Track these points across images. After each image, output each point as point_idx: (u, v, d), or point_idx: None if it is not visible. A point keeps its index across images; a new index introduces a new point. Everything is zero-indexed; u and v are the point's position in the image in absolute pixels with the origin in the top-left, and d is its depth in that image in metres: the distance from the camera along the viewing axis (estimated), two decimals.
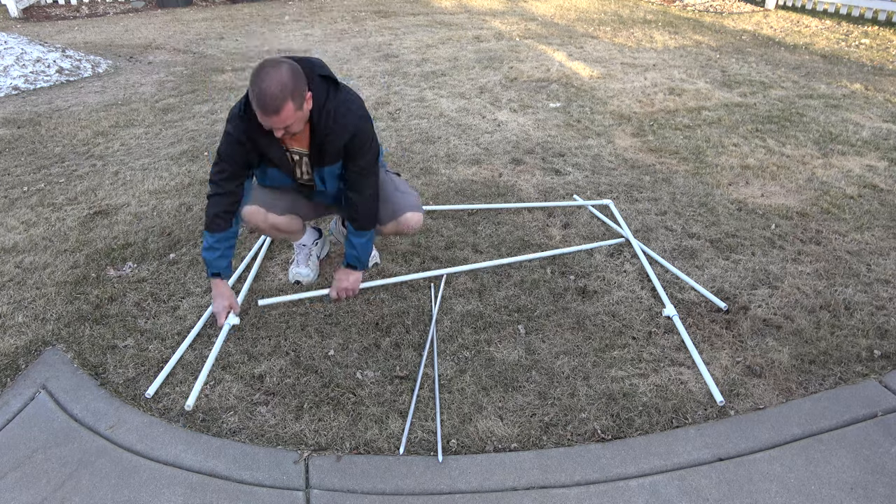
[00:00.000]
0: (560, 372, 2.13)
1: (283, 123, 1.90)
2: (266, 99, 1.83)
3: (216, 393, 2.06)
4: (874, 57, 6.19)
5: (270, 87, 1.82)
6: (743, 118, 4.49)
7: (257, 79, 1.84)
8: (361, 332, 2.33)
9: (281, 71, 1.84)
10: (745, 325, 2.33)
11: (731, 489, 1.70)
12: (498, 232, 3.01)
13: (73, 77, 5.94)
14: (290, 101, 1.86)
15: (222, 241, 2.17)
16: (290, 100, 1.85)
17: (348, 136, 2.06)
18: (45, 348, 2.27)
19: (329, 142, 2.06)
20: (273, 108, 1.85)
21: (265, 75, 1.83)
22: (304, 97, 1.92)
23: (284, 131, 1.94)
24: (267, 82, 1.83)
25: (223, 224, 2.15)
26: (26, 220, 3.19)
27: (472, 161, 3.84)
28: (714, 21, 8.27)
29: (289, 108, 1.86)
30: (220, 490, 1.72)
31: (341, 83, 2.08)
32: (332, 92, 2.04)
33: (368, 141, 2.12)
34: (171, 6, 10.17)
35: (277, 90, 1.83)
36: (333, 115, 2.03)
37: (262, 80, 1.83)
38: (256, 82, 1.84)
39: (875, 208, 3.18)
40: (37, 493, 1.71)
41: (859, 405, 1.96)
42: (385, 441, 1.88)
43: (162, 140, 4.29)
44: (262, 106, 1.85)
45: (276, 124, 1.90)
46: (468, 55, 6.53)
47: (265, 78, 1.83)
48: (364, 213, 2.22)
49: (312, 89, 1.98)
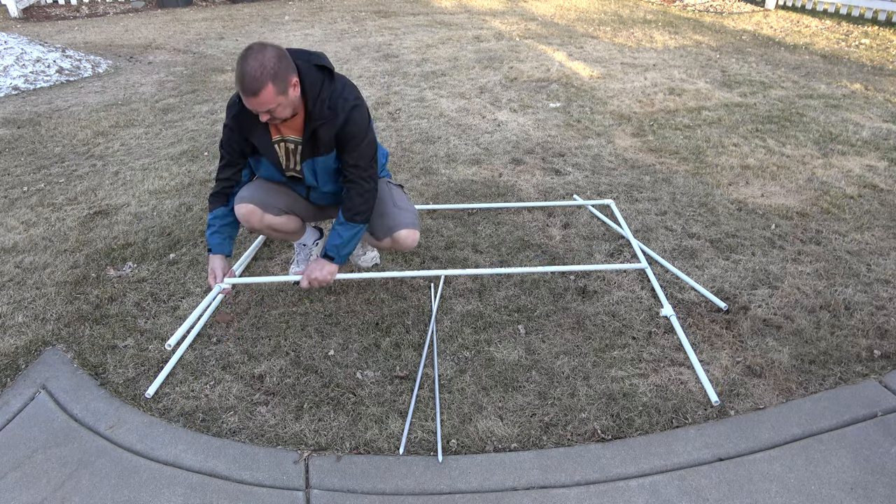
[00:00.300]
0: (560, 372, 2.13)
1: (264, 106, 1.90)
2: (246, 80, 1.84)
3: (216, 393, 2.06)
4: (874, 57, 6.19)
5: (252, 69, 1.84)
6: (743, 118, 4.49)
7: (241, 60, 1.87)
8: (361, 332, 2.33)
9: (265, 54, 1.86)
10: (745, 325, 2.33)
11: (731, 489, 1.70)
12: (498, 232, 3.01)
13: (73, 77, 5.94)
14: (271, 83, 1.86)
15: (217, 217, 2.26)
16: (270, 82, 1.86)
17: (341, 122, 2.05)
18: (45, 348, 2.27)
19: (323, 129, 2.06)
20: (252, 90, 1.85)
21: (248, 57, 1.86)
22: (289, 82, 1.92)
23: (270, 115, 1.95)
24: (250, 64, 1.84)
25: (217, 202, 2.26)
26: (26, 220, 3.19)
27: (472, 161, 3.84)
28: (714, 21, 8.27)
29: (269, 90, 1.87)
30: (220, 490, 1.72)
31: (338, 74, 2.09)
32: (327, 81, 2.04)
33: (363, 130, 2.10)
34: (171, 6, 10.17)
35: (258, 72, 1.83)
36: (327, 103, 2.03)
37: (245, 62, 1.85)
38: (240, 64, 1.86)
39: (875, 208, 3.18)
40: (37, 493, 1.71)
41: (859, 405, 1.96)
42: (385, 441, 1.88)
43: (162, 140, 4.29)
44: (242, 87, 1.86)
45: (258, 107, 1.91)
46: (468, 55, 6.53)
47: (248, 60, 1.85)
48: (358, 203, 2.18)
49: (306, 77, 1.99)
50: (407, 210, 2.36)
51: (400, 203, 2.37)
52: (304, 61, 2.01)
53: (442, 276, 2.63)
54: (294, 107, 2.00)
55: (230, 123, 2.13)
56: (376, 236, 2.34)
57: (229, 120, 2.13)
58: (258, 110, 1.93)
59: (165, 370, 2.13)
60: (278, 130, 2.14)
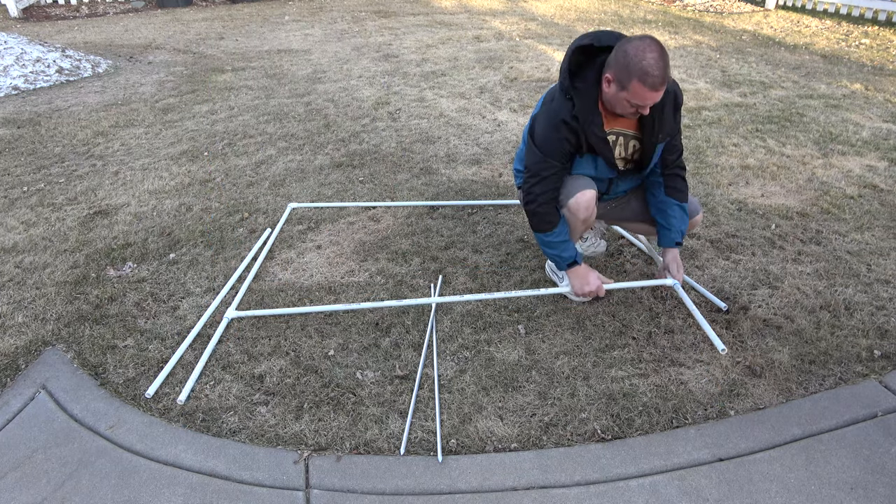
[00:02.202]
0: (560, 372, 2.13)
1: (658, 99, 1.91)
2: (664, 73, 1.83)
3: (216, 393, 2.06)
4: (874, 57, 6.19)
5: (666, 63, 1.83)
6: (743, 118, 4.49)
7: (653, 53, 1.83)
8: (361, 332, 2.33)
9: (657, 43, 1.85)
10: (745, 325, 2.33)
11: (731, 489, 1.70)
12: (498, 232, 3.01)
13: (73, 77, 5.94)
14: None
15: (563, 232, 2.20)
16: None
17: (672, 95, 2.08)
18: (45, 348, 2.27)
19: (663, 110, 2.07)
20: (663, 80, 1.85)
21: (657, 49, 1.83)
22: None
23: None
24: (657, 54, 1.82)
25: (555, 219, 2.18)
26: (26, 220, 3.19)
27: (472, 161, 3.84)
28: (714, 21, 8.27)
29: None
30: (220, 490, 1.72)
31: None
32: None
33: (682, 97, 2.14)
34: (171, 6, 10.17)
35: (665, 61, 1.84)
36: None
37: (661, 55, 1.83)
38: (644, 55, 1.82)
39: (875, 208, 3.18)
40: (37, 493, 1.71)
41: (859, 405, 1.96)
42: (385, 441, 1.88)
43: (162, 140, 4.29)
44: (657, 80, 1.84)
45: (655, 100, 1.90)
46: (468, 55, 6.54)
47: (661, 52, 1.83)
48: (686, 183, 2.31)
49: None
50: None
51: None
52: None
53: (440, 277, 2.63)
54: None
55: (569, 137, 2.05)
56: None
57: (567, 134, 2.05)
58: (649, 104, 1.91)
59: (165, 370, 2.13)
60: (612, 125, 2.12)
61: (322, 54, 6.78)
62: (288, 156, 3.97)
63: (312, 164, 3.83)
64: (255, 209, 3.27)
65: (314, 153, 4.01)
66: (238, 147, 4.13)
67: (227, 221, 3.15)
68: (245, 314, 2.38)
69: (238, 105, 5.04)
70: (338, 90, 5.41)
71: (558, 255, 2.23)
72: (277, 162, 3.87)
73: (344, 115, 4.75)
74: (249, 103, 5.08)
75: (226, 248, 2.90)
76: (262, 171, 3.75)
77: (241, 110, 4.90)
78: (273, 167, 3.80)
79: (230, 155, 4.00)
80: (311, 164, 3.83)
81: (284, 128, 4.48)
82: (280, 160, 3.90)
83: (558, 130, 2.06)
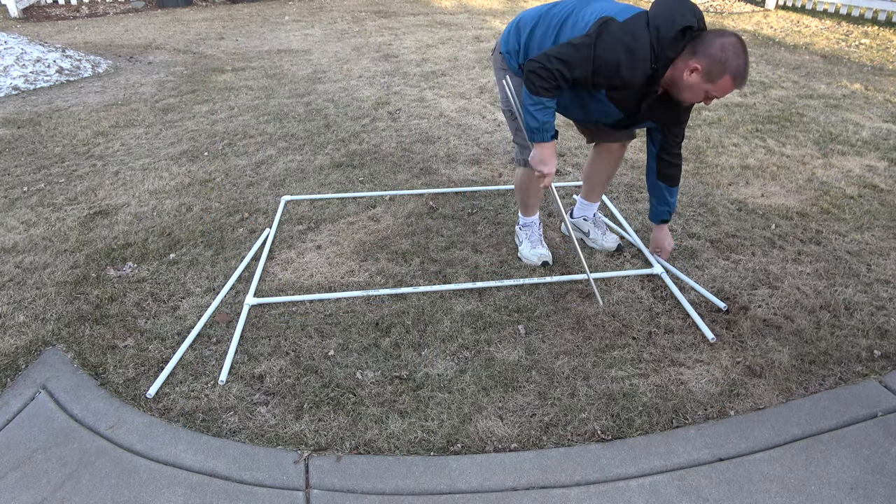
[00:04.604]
0: (560, 372, 2.13)
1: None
2: (748, 73, 1.98)
3: (216, 393, 2.06)
4: (874, 57, 6.19)
5: (748, 63, 1.97)
6: (743, 118, 4.49)
7: (740, 51, 1.95)
8: (361, 332, 2.33)
9: (745, 44, 1.99)
10: (745, 325, 2.33)
11: (731, 489, 1.70)
12: (498, 232, 3.01)
13: (73, 77, 5.94)
14: None
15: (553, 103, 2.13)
16: None
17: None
18: (45, 348, 2.27)
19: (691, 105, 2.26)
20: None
21: (744, 49, 1.96)
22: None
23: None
24: (747, 55, 1.96)
25: (555, 94, 2.11)
26: (26, 220, 3.19)
27: (472, 161, 3.85)
28: (714, 21, 8.26)
29: None
30: (220, 490, 1.72)
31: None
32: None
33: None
34: (171, 6, 10.17)
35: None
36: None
37: (745, 53, 1.95)
38: (740, 54, 1.94)
39: (875, 208, 3.18)
40: (37, 493, 1.71)
41: (859, 405, 1.96)
42: (385, 441, 1.88)
43: (162, 140, 4.29)
44: (744, 79, 1.99)
45: (728, 94, 2.05)
46: (468, 55, 6.54)
47: (746, 51, 1.96)
48: (679, 169, 2.44)
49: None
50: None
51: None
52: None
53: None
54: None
55: (628, 75, 2.04)
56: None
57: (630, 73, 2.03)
58: (721, 96, 2.05)
59: (166, 370, 2.13)
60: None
61: (322, 54, 6.78)
62: (288, 156, 3.97)
63: (312, 164, 3.83)
64: (255, 209, 3.27)
65: (314, 153, 4.01)
66: (238, 147, 4.13)
67: (227, 221, 3.15)
68: (264, 301, 2.47)
69: (238, 105, 5.04)
70: (338, 90, 5.41)
71: (548, 121, 2.15)
72: (277, 162, 3.87)
73: (344, 115, 4.75)
74: (249, 103, 5.08)
75: (226, 248, 2.90)
76: (262, 171, 3.75)
77: (241, 110, 4.90)
78: (273, 167, 3.80)
79: (230, 155, 4.00)
80: (311, 164, 3.83)
81: (284, 128, 4.48)
82: (280, 160, 3.90)
83: (631, 63, 2.01)
